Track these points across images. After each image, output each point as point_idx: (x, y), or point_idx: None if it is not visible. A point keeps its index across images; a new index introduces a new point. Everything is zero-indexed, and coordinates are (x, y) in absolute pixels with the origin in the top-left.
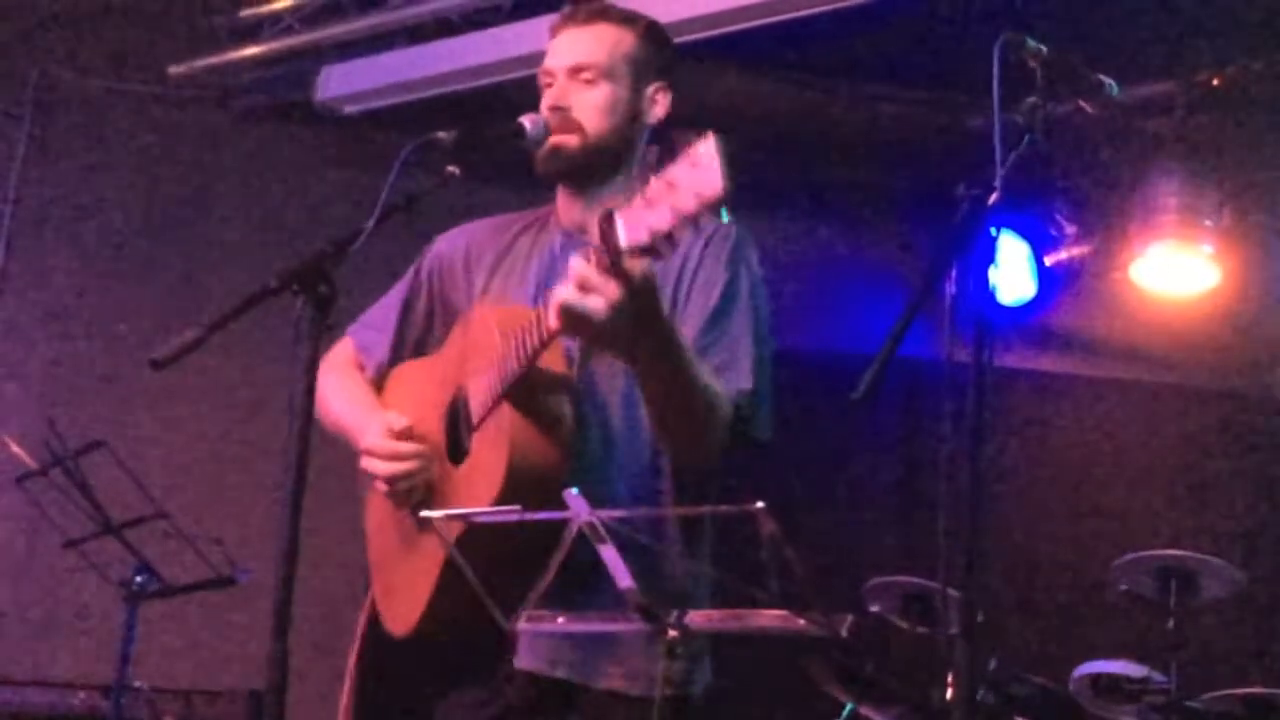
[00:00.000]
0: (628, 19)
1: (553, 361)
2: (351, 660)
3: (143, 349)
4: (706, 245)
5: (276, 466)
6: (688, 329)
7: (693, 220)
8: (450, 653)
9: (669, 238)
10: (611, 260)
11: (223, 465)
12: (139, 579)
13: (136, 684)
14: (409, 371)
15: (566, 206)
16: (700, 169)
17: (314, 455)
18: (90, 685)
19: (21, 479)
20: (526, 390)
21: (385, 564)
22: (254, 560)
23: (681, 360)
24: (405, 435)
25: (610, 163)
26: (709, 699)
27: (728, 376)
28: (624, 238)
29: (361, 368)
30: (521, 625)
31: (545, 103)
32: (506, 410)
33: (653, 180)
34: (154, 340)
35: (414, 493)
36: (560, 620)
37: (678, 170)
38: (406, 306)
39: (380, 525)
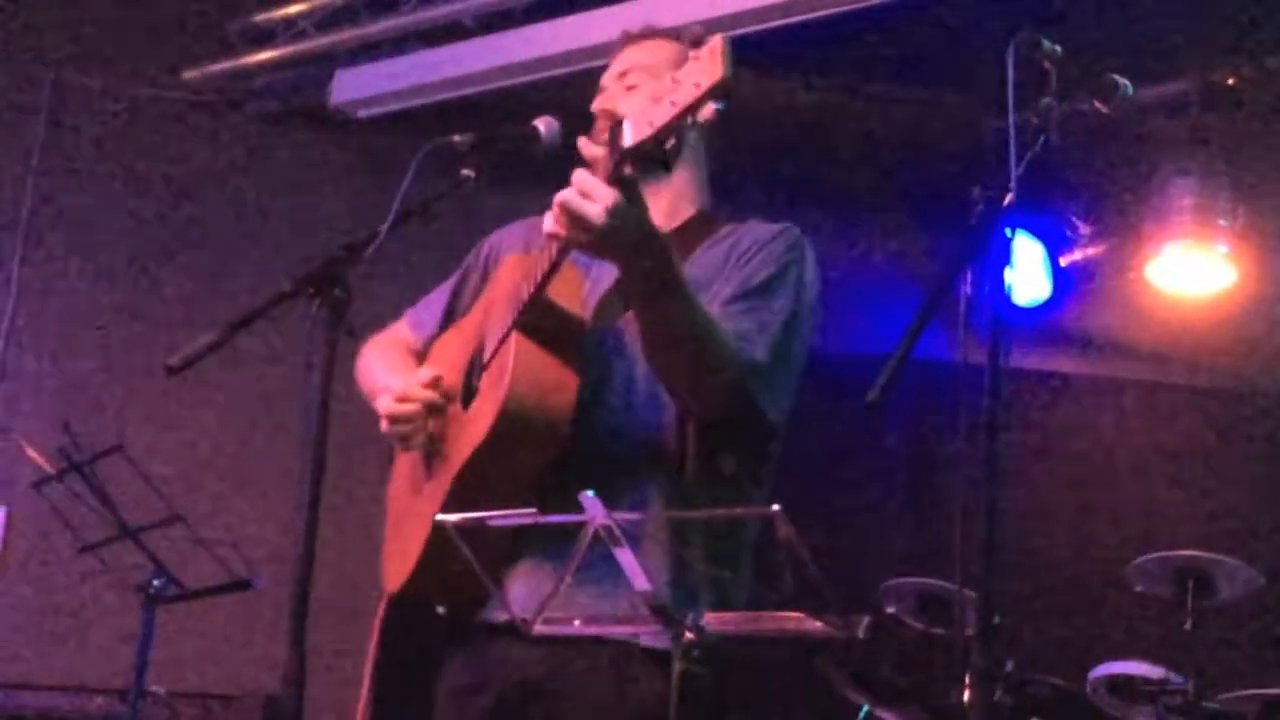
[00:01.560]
0: (675, 33)
1: (571, 303)
2: (372, 643)
3: (158, 353)
4: (772, 239)
5: (293, 470)
6: (724, 290)
7: (693, 109)
8: (442, 614)
9: (674, 131)
10: (613, 166)
11: (239, 469)
12: (155, 583)
13: (153, 688)
14: (445, 338)
15: None
16: (702, 62)
17: (331, 459)
18: (107, 689)
19: (38, 484)
20: (536, 323)
21: (394, 526)
22: (270, 564)
23: (682, 296)
24: (430, 384)
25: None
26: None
27: (746, 343)
28: (629, 137)
29: (411, 343)
30: (538, 628)
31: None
32: (513, 341)
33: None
34: (169, 345)
35: (416, 437)
36: (577, 624)
37: (684, 69)
38: (459, 285)
39: (397, 491)
